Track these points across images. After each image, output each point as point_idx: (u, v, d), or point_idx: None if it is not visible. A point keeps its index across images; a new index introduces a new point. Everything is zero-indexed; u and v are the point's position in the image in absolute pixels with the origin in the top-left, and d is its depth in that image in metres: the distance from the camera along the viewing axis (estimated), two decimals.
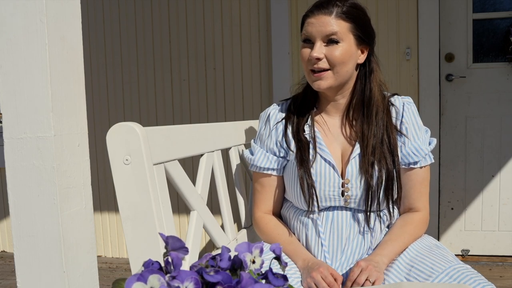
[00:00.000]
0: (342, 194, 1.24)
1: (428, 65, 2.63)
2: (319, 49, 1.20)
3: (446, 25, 2.68)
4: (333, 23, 1.19)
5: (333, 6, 1.20)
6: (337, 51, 1.20)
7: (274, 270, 0.59)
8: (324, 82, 1.22)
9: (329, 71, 1.22)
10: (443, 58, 2.69)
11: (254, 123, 1.70)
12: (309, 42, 1.24)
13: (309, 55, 1.22)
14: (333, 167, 1.24)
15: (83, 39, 0.99)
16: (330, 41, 1.20)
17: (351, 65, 1.24)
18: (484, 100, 2.69)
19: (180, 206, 2.94)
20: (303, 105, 1.33)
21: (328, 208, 1.26)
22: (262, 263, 0.60)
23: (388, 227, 1.31)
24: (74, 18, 0.96)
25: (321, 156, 1.25)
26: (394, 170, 1.22)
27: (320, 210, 1.26)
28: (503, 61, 2.66)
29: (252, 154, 1.36)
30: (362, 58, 1.26)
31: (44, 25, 0.88)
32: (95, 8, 3.00)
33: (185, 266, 0.97)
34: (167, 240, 0.58)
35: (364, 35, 1.24)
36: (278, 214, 1.40)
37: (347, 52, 1.21)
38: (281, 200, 1.38)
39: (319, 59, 1.21)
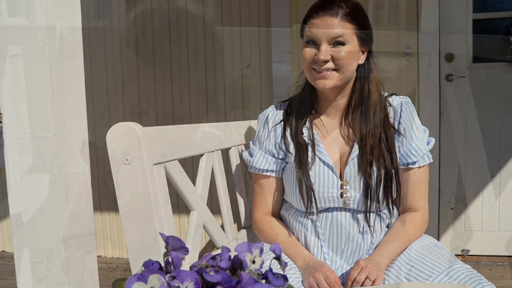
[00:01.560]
0: (341, 196, 1.24)
1: (428, 65, 2.63)
2: (326, 52, 1.19)
3: (446, 25, 2.67)
4: (339, 25, 1.18)
5: (338, 7, 1.19)
6: (343, 52, 1.19)
7: (274, 270, 0.59)
8: (329, 82, 1.22)
9: (334, 71, 1.21)
10: (443, 58, 2.69)
11: (254, 123, 1.70)
12: (313, 43, 1.23)
13: (315, 57, 1.20)
14: (332, 169, 1.24)
15: (83, 39, 0.99)
16: (337, 42, 1.19)
17: (355, 65, 1.24)
18: (484, 100, 2.69)
19: (180, 206, 2.94)
20: (301, 107, 1.32)
21: (328, 209, 1.26)
22: (262, 263, 0.60)
23: (388, 226, 1.31)
24: (74, 18, 0.96)
25: (319, 158, 1.25)
26: (393, 167, 1.22)
27: (319, 211, 1.26)
28: (503, 61, 2.66)
29: (251, 155, 1.36)
30: (362, 58, 1.26)
31: (44, 25, 0.88)
32: (95, 8, 2.99)
33: (185, 266, 0.97)
34: (167, 240, 0.58)
35: (366, 36, 1.24)
36: (277, 215, 1.40)
37: (352, 53, 1.21)
38: (281, 201, 1.38)
39: (326, 62, 1.20)
